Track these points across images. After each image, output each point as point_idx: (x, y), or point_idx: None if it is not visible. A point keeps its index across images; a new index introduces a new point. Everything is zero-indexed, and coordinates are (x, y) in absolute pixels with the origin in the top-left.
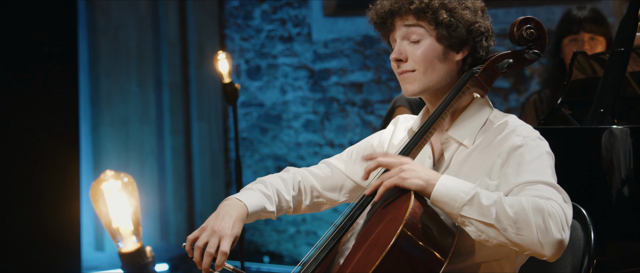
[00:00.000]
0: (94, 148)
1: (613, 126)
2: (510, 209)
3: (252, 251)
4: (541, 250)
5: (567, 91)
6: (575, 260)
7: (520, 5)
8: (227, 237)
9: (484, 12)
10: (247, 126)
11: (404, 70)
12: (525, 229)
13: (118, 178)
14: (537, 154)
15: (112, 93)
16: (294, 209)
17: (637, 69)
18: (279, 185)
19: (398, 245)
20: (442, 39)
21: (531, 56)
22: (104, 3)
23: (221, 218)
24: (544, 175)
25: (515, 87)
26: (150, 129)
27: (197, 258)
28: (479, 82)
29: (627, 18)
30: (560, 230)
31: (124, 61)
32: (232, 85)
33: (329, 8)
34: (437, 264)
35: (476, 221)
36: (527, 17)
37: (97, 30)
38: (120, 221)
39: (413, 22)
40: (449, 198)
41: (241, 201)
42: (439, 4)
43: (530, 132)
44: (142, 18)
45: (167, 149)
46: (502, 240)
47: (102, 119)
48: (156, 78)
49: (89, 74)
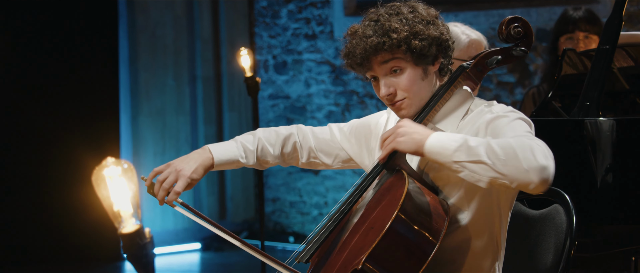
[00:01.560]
0: (134, 137)
1: (598, 118)
2: (497, 146)
3: (278, 231)
4: (528, 176)
5: (558, 85)
6: (558, 242)
7: (525, 5)
8: (183, 178)
9: (438, 17)
10: (274, 117)
11: (398, 100)
12: (512, 159)
13: (118, 165)
14: (511, 120)
15: (150, 86)
16: (288, 163)
17: (626, 65)
18: (270, 139)
19: (393, 228)
20: (419, 62)
21: (518, 52)
22: (143, 3)
23: (186, 161)
24: (519, 132)
25: (520, 82)
26: (185, 119)
27: (155, 189)
28: (470, 76)
29: (612, 18)
30: (544, 157)
31: (161, 56)
32: (254, 79)
33: (350, 8)
34: (430, 246)
35: (467, 163)
36: (515, 17)
37: (136, 28)
38: (121, 205)
39: (389, 58)
40: (440, 148)
41: (210, 154)
42: (406, 34)
43: (503, 108)
44: (178, 17)
45: (200, 138)
46: (491, 174)
47: (141, 110)
48: (191, 72)
49: (129, 69)
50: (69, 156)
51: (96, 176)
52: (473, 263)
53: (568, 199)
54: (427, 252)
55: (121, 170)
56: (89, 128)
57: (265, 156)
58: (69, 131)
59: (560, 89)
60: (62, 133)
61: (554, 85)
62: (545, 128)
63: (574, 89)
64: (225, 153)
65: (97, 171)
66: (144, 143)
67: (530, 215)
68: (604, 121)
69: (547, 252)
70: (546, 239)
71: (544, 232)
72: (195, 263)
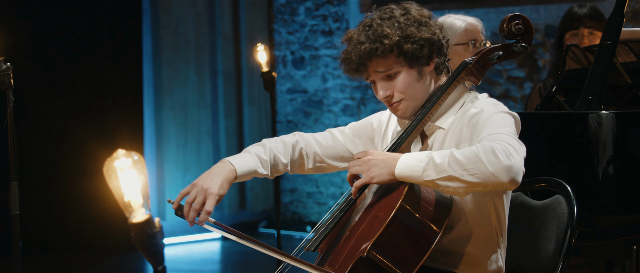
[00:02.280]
0: (157, 129)
1: (599, 111)
2: (461, 156)
3: (296, 221)
4: (497, 179)
5: (562, 80)
6: (559, 231)
7: (534, 3)
8: (212, 196)
9: (431, 18)
10: (292, 110)
11: (395, 102)
12: (477, 167)
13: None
14: (489, 115)
15: (172, 81)
16: (294, 170)
17: (628, 60)
18: (279, 149)
19: (397, 217)
20: (413, 65)
21: (519, 48)
22: (166, 1)
23: (211, 178)
24: (495, 128)
25: (529, 76)
26: (206, 113)
27: (185, 212)
28: (472, 72)
29: (613, 15)
30: (507, 157)
31: (183, 52)
32: (270, 73)
33: (365, 5)
34: (433, 235)
35: (438, 180)
36: (516, 14)
37: (159, 25)
38: (131, 195)
39: (384, 63)
40: (410, 171)
41: (232, 166)
42: (398, 38)
43: (485, 102)
44: (199, 14)
45: (221, 131)
46: (464, 185)
47: (164, 104)
48: (212, 67)
49: (152, 64)
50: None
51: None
52: (474, 253)
53: (569, 190)
54: (430, 240)
55: (131, 162)
56: (114, 121)
57: (277, 165)
58: (95, 124)
59: (564, 84)
60: (88, 125)
61: (559, 79)
62: (549, 121)
63: (578, 84)
64: (245, 164)
65: (108, 163)
66: (167, 136)
67: (532, 205)
68: (605, 115)
69: (549, 241)
70: (548, 228)
71: (546, 222)
72: (215, 252)
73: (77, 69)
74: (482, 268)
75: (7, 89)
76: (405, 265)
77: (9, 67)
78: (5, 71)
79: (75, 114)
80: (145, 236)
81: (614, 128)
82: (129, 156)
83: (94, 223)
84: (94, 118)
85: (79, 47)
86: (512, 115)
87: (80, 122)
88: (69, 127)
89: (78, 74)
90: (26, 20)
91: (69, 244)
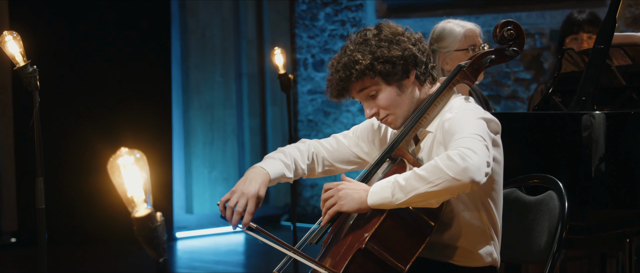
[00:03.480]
0: (185, 128)
1: (592, 111)
2: (422, 171)
3: (316, 215)
4: (459, 182)
5: (558, 82)
6: (551, 225)
7: (540, 8)
8: (253, 199)
9: (404, 34)
10: (312, 110)
11: (382, 118)
12: (439, 177)
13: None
14: (458, 120)
15: (200, 82)
16: (309, 175)
17: (624, 63)
18: (296, 154)
19: (394, 211)
20: (390, 81)
21: (510, 52)
22: (194, 7)
23: (248, 183)
24: (461, 133)
25: (535, 78)
26: (231, 113)
27: (228, 216)
28: (466, 75)
29: (606, 20)
30: (462, 160)
31: (210, 55)
32: (287, 75)
33: (381, 11)
34: (428, 228)
35: (409, 200)
36: (508, 21)
37: (187, 30)
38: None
39: (361, 86)
40: (381, 199)
41: (265, 170)
42: (369, 61)
43: (458, 105)
44: (225, 19)
45: (245, 129)
46: (434, 196)
47: (192, 104)
48: (237, 70)
49: (180, 67)
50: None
51: (111, 165)
52: (467, 246)
53: (561, 186)
54: (425, 232)
55: (134, 159)
56: (144, 121)
57: (297, 170)
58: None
59: (561, 85)
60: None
61: (555, 81)
62: (545, 121)
63: (574, 85)
64: (275, 168)
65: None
66: (194, 134)
67: (526, 201)
68: (597, 115)
69: (541, 234)
70: (541, 223)
71: (539, 216)
72: (239, 243)
73: (109, 72)
74: (476, 261)
75: (33, 90)
76: (402, 256)
77: (35, 69)
78: (31, 74)
79: (107, 114)
80: (147, 230)
81: (605, 127)
82: (132, 153)
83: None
84: (125, 118)
85: (111, 51)
86: (484, 119)
87: (111, 121)
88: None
89: (110, 76)
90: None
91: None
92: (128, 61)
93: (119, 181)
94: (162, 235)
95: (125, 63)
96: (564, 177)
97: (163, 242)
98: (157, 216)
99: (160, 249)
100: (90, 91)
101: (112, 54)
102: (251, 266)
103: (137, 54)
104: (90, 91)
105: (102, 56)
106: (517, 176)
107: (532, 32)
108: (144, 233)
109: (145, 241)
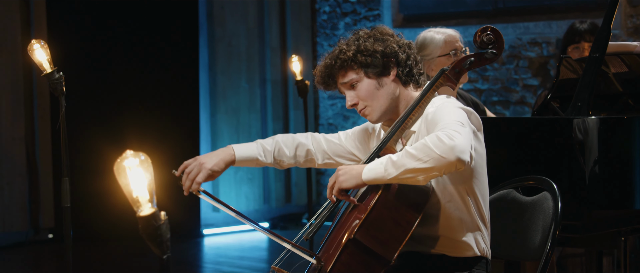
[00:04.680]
0: (212, 131)
1: (586, 116)
2: (413, 149)
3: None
4: (445, 159)
5: (557, 88)
6: (545, 224)
7: (547, 19)
8: (205, 170)
9: (393, 36)
10: (333, 114)
11: (361, 109)
12: (427, 154)
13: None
14: (441, 109)
15: (226, 88)
16: (305, 164)
17: (621, 71)
18: (287, 143)
19: (380, 203)
20: (370, 74)
21: (489, 55)
22: (221, 17)
23: (210, 156)
24: (444, 120)
25: (542, 84)
26: (256, 117)
27: (183, 180)
28: (449, 78)
29: (601, 30)
30: (450, 139)
31: (236, 62)
32: (303, 82)
33: (397, 21)
34: (413, 217)
35: (399, 175)
36: (486, 26)
37: (215, 38)
38: (139, 192)
39: (344, 75)
40: (374, 175)
41: (233, 150)
42: (353, 52)
43: (440, 100)
44: (250, 29)
45: (269, 132)
46: (422, 173)
47: (218, 109)
48: (261, 76)
49: (208, 73)
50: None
51: (117, 167)
52: (453, 237)
53: (555, 187)
54: (411, 222)
55: (139, 161)
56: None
57: (281, 157)
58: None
59: (559, 91)
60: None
61: (553, 87)
62: (543, 125)
63: (572, 91)
64: (245, 151)
65: (119, 163)
66: (221, 137)
67: (522, 201)
68: (591, 120)
69: (536, 233)
70: (535, 222)
71: (534, 216)
72: (263, 240)
73: (140, 78)
74: (463, 251)
75: (60, 95)
76: (389, 245)
77: (62, 76)
78: (57, 80)
79: (137, 118)
80: (151, 228)
81: (599, 132)
82: (137, 156)
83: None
84: (155, 121)
85: (142, 58)
86: (465, 111)
87: (143, 124)
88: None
89: (141, 82)
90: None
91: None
92: (159, 68)
93: (125, 182)
94: (165, 233)
95: (156, 70)
96: (561, 179)
97: (166, 239)
98: (160, 215)
99: (163, 246)
100: (122, 95)
101: (144, 61)
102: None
103: (167, 62)
104: (122, 96)
105: (134, 63)
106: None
107: (539, 41)
108: (148, 231)
109: (150, 238)
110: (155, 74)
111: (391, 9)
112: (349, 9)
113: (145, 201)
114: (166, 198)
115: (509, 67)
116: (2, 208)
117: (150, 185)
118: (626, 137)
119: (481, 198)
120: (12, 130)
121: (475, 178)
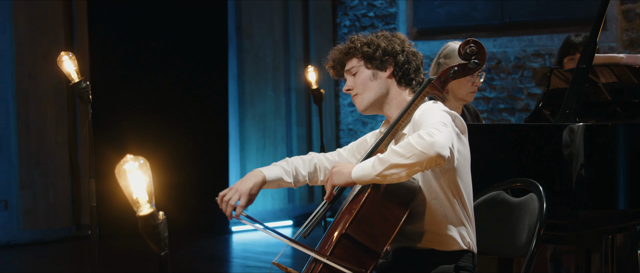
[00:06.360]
0: (240, 136)
1: (573, 123)
2: (398, 147)
3: None
4: (426, 155)
5: (548, 97)
6: (531, 224)
7: (549, 32)
8: (244, 195)
9: (404, 41)
10: (352, 120)
11: (352, 96)
12: (410, 151)
13: (136, 160)
14: (427, 111)
15: (253, 96)
16: (311, 182)
17: (610, 81)
18: (299, 163)
19: (369, 200)
20: (369, 64)
21: (473, 65)
22: (249, 30)
23: (244, 182)
24: (428, 121)
25: None
26: (281, 123)
27: (223, 208)
28: (435, 87)
29: (588, 43)
30: (430, 136)
31: (262, 72)
32: (318, 90)
33: (412, 34)
34: (401, 213)
35: (385, 171)
36: (469, 39)
37: (243, 50)
38: (139, 193)
39: (349, 62)
40: (361, 172)
41: (262, 173)
42: (360, 43)
43: (427, 105)
44: (276, 41)
45: (293, 137)
46: (405, 168)
47: (246, 115)
48: (286, 85)
49: (237, 82)
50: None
51: (118, 170)
52: (439, 231)
53: (541, 189)
54: (399, 217)
55: (138, 165)
56: (204, 130)
57: (297, 176)
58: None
59: (551, 100)
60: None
61: (544, 97)
62: (534, 131)
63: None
64: (273, 173)
65: (119, 166)
66: (249, 142)
67: (511, 202)
68: (578, 126)
69: (522, 232)
70: (522, 221)
71: (521, 216)
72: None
73: (173, 87)
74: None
75: (87, 103)
76: (377, 240)
77: (88, 85)
78: (84, 89)
79: (169, 124)
80: (150, 226)
81: (585, 137)
82: (136, 160)
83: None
84: (187, 127)
85: (175, 69)
86: (450, 114)
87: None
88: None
89: (174, 92)
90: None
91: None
92: (192, 78)
93: (125, 184)
94: (163, 231)
95: (187, 79)
96: (550, 181)
97: (164, 237)
98: (159, 215)
99: (161, 244)
100: (156, 104)
101: (177, 71)
102: (296, 257)
103: (200, 72)
104: (156, 104)
105: (169, 73)
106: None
107: (542, 52)
108: (147, 230)
109: (149, 236)
110: (188, 83)
111: (406, 23)
112: (367, 23)
113: (145, 201)
114: (197, 199)
115: (514, 77)
116: (48, 207)
117: (149, 187)
118: (610, 142)
119: (465, 196)
120: (57, 135)
121: (459, 178)
